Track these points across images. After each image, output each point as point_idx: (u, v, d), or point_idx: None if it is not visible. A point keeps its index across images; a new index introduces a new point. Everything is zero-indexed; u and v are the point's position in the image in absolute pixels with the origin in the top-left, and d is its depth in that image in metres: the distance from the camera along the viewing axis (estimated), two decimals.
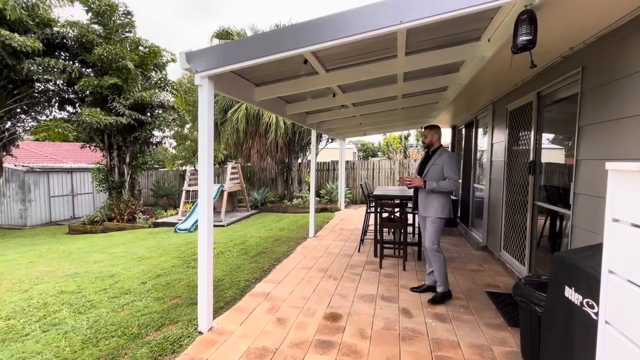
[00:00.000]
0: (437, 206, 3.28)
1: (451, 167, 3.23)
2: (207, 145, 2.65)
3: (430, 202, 3.31)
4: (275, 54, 2.33)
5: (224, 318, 2.97)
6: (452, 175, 3.21)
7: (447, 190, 3.23)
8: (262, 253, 5.09)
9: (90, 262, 5.13)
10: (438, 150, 3.39)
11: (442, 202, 3.28)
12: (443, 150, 3.37)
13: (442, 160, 3.28)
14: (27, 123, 10.64)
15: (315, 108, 5.11)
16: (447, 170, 3.22)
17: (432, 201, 3.30)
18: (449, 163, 3.25)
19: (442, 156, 3.31)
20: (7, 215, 11.09)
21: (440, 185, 3.22)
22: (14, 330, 2.91)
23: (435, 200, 3.29)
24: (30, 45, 8.21)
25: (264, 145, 10.76)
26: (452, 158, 3.31)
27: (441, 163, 3.27)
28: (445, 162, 3.25)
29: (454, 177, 3.20)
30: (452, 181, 3.20)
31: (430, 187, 3.27)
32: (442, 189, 3.22)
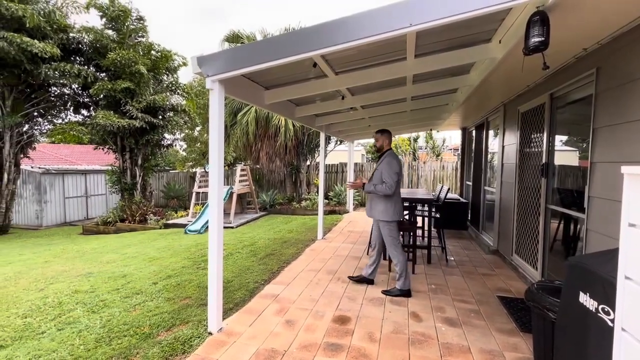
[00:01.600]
0: (380, 209, 3.41)
1: (387, 172, 3.32)
2: (218, 148, 2.69)
3: (374, 205, 3.48)
4: (284, 58, 2.35)
5: (234, 319, 2.99)
6: (387, 179, 3.31)
7: (382, 193, 3.34)
8: (271, 255, 5.12)
9: (103, 262, 5.23)
10: (384, 154, 3.51)
11: (384, 205, 3.40)
12: (387, 155, 3.47)
13: (382, 164, 3.41)
14: (43, 126, 10.96)
15: (324, 110, 5.13)
16: (384, 174, 3.35)
17: (375, 204, 3.46)
18: (386, 168, 3.35)
19: (383, 161, 3.43)
20: (24, 216, 11.40)
21: (377, 189, 3.34)
22: (30, 328, 2.99)
23: (378, 203, 3.43)
24: (49, 50, 8.46)
25: (272, 148, 10.83)
26: (390, 163, 3.37)
27: (381, 167, 3.41)
28: (383, 167, 3.37)
29: (388, 182, 3.30)
30: (387, 186, 3.29)
31: (367, 190, 3.43)
32: (378, 192, 3.35)
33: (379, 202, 3.41)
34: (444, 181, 10.98)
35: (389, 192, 3.27)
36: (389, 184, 3.26)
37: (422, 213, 5.24)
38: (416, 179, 11.31)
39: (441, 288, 3.66)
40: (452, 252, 5.09)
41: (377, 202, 3.42)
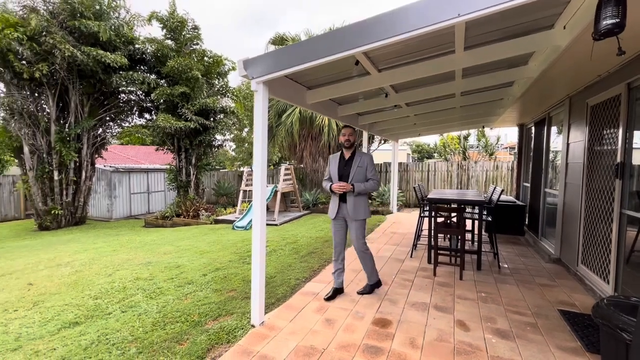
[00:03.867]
0: (365, 207, 3.31)
1: (374, 169, 3.30)
2: (261, 147, 2.78)
3: (359, 205, 3.29)
4: (325, 57, 2.36)
5: (275, 314, 3.07)
6: (375, 176, 3.29)
7: (372, 191, 3.33)
8: (312, 253, 5.17)
9: (161, 253, 5.71)
10: (357, 151, 3.39)
11: (365, 203, 3.33)
12: (361, 152, 3.40)
13: (364, 161, 3.29)
14: (114, 129, 12.25)
15: (367, 109, 5.05)
16: (371, 171, 3.26)
17: (360, 204, 3.29)
18: (372, 164, 3.31)
19: (363, 157, 3.31)
20: (98, 209, 12.88)
21: (367, 187, 3.23)
22: (100, 309, 3.36)
23: (362, 202, 3.30)
24: (119, 61, 9.46)
25: (316, 147, 10.95)
26: (372, 159, 3.36)
27: (365, 165, 3.27)
28: (368, 164, 3.28)
29: (376, 178, 3.30)
30: (376, 182, 3.28)
31: (358, 190, 3.22)
32: (369, 191, 3.27)
33: (362, 201, 3.29)
34: (497, 182, 10.21)
35: (377, 188, 3.35)
36: (377, 180, 3.30)
37: (472, 216, 4.92)
38: (466, 180, 10.67)
39: (492, 297, 3.41)
40: (505, 259, 4.71)
41: (361, 201, 3.28)
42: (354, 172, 3.23)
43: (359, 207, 3.26)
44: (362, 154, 3.32)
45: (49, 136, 9.84)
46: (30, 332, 2.94)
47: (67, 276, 4.51)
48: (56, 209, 10.02)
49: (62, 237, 8.68)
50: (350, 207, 3.27)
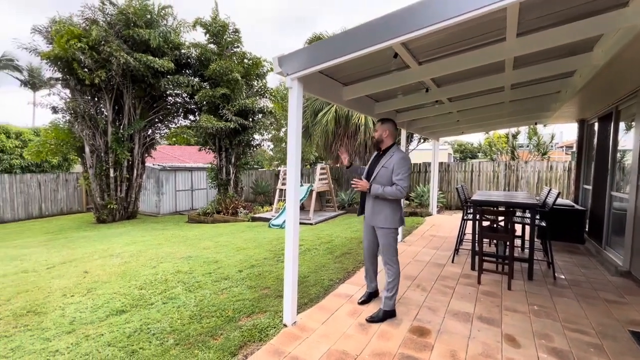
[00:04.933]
0: (386, 214, 2.86)
1: (401, 172, 2.76)
2: (295, 145, 2.74)
3: (379, 209, 2.88)
4: (361, 50, 2.25)
5: (307, 315, 3.02)
6: (401, 181, 2.74)
7: (392, 197, 2.78)
8: (347, 254, 5.06)
9: (201, 247, 5.94)
10: (390, 149, 2.93)
11: (391, 210, 2.86)
12: (396, 150, 2.91)
13: (392, 162, 2.83)
14: (162, 130, 13.07)
15: (406, 106, 4.83)
16: (396, 174, 2.76)
17: (380, 208, 2.87)
18: (400, 166, 2.78)
19: (393, 157, 2.85)
20: (147, 204, 13.83)
21: (385, 192, 2.76)
22: (144, 299, 3.54)
23: (385, 207, 2.86)
24: (166, 66, 10.07)
25: (352, 146, 10.80)
26: (404, 161, 2.81)
27: (391, 166, 2.82)
28: (395, 165, 2.80)
29: (402, 184, 2.73)
30: (400, 189, 2.73)
31: (374, 192, 2.82)
32: (387, 196, 2.78)
33: (384, 207, 2.84)
34: (551, 184, 9.34)
35: (401, 195, 2.72)
36: (402, 187, 2.69)
37: (523, 220, 4.51)
38: (515, 181, 9.89)
39: (547, 311, 3.06)
40: (562, 269, 4.25)
41: (382, 206, 2.84)
42: (377, 172, 2.88)
43: (378, 212, 2.87)
44: (394, 153, 2.86)
45: (106, 137, 10.73)
46: (83, 316, 3.17)
47: (117, 266, 4.84)
48: (112, 203, 10.91)
49: (115, 229, 9.42)
50: (368, 210, 2.96)
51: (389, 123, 2.97)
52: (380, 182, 2.83)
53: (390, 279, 2.91)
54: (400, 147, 2.95)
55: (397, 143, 2.93)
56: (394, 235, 2.89)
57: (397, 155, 2.84)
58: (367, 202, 2.98)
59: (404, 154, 2.86)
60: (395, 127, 3.00)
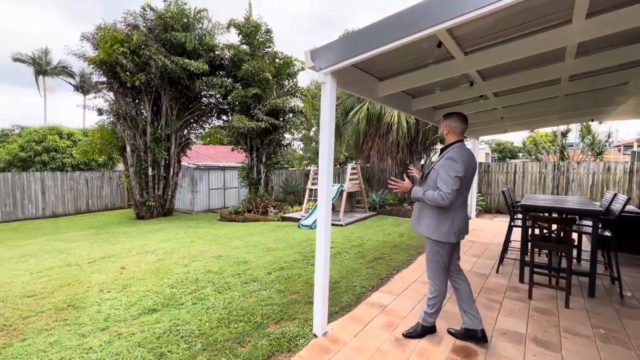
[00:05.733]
0: (429, 222, 2.48)
1: (444, 175, 2.32)
2: (328, 143, 2.57)
3: (423, 215, 2.55)
4: (400, 39, 2.04)
5: (338, 325, 2.83)
6: (443, 186, 2.31)
7: (432, 203, 2.37)
8: (379, 259, 4.82)
9: (231, 247, 5.95)
10: (449, 148, 2.48)
11: (434, 219, 2.45)
12: (451, 150, 2.45)
13: (439, 164, 2.44)
14: (196, 130, 13.48)
15: (446, 101, 4.49)
16: (440, 179, 2.35)
17: (424, 214, 2.54)
18: (445, 168, 2.34)
19: (442, 158, 2.45)
20: (182, 202, 14.34)
21: (426, 196, 2.39)
22: (174, 298, 3.54)
23: (427, 214, 2.50)
24: (201, 67, 10.32)
25: (384, 146, 10.45)
26: (448, 161, 2.35)
27: (438, 167, 2.43)
28: (440, 169, 2.38)
29: (444, 190, 2.29)
30: (442, 195, 2.28)
31: (413, 195, 2.50)
32: (428, 201, 2.39)
33: (428, 213, 2.49)
34: (609, 187, 8.42)
35: (443, 202, 2.28)
36: (445, 192, 2.27)
37: (580, 228, 4.01)
38: (565, 184, 9.04)
39: (616, 335, 2.65)
40: (630, 286, 3.72)
41: (427, 212, 2.50)
42: (427, 174, 2.56)
43: (422, 218, 2.54)
44: (446, 153, 2.44)
45: (145, 137, 11.22)
46: (117, 314, 3.22)
47: (152, 263, 4.95)
48: (150, 200, 11.40)
49: (153, 226, 9.81)
50: (414, 214, 2.64)
51: (452, 118, 2.54)
52: (428, 186, 2.48)
53: (431, 295, 2.59)
54: (464, 146, 2.47)
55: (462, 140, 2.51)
56: (437, 249, 2.46)
57: (447, 154, 2.43)
58: (415, 204, 2.70)
59: (452, 154, 2.39)
60: (462, 122, 2.53)
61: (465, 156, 2.38)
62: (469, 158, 2.40)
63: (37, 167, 15.96)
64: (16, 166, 16.05)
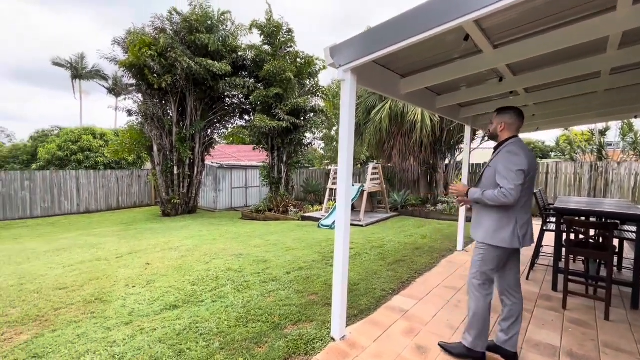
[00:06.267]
0: (487, 227, 2.21)
1: (504, 169, 2.09)
2: (347, 142, 2.50)
3: (479, 220, 2.29)
4: (422, 33, 1.94)
5: (357, 329, 2.76)
6: (503, 181, 2.07)
7: (493, 203, 2.11)
8: (400, 261, 4.69)
9: (251, 245, 6.00)
10: (505, 144, 2.24)
11: (495, 221, 2.17)
12: (507, 144, 2.21)
13: (497, 161, 2.19)
14: (220, 130, 13.77)
15: (472, 98, 4.29)
16: (498, 173, 2.12)
17: (482, 218, 2.26)
18: (504, 162, 2.12)
19: (499, 156, 2.21)
20: (206, 200, 14.71)
21: (485, 196, 2.14)
22: (195, 295, 3.59)
23: (485, 217, 2.24)
24: (224, 69, 10.52)
25: (406, 145, 10.22)
26: (509, 155, 2.12)
27: (496, 164, 2.18)
28: (499, 165, 2.14)
29: (506, 186, 2.04)
30: (504, 192, 2.04)
31: (471, 197, 2.27)
32: (487, 201, 2.14)
33: (484, 216, 2.23)
34: None
35: (506, 199, 2.03)
36: (508, 189, 2.02)
37: (621, 234, 3.70)
38: (603, 185, 8.45)
39: None
40: None
41: (486, 215, 2.22)
42: (483, 173, 2.31)
43: (478, 221, 2.30)
44: (504, 148, 2.20)
45: (171, 137, 11.59)
46: (140, 309, 3.30)
47: (175, 260, 5.08)
48: (175, 198, 11.77)
49: (177, 223, 10.11)
50: (473, 219, 2.40)
51: (508, 114, 2.28)
52: (485, 186, 2.24)
53: (469, 312, 2.28)
54: (518, 141, 2.23)
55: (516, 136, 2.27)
56: (488, 254, 2.19)
57: (505, 148, 2.20)
58: (473, 211, 2.42)
59: (511, 147, 2.16)
60: (519, 118, 2.28)
61: (526, 149, 2.17)
62: (530, 152, 2.18)
63: (73, 165, 16.90)
64: (54, 165, 17.07)
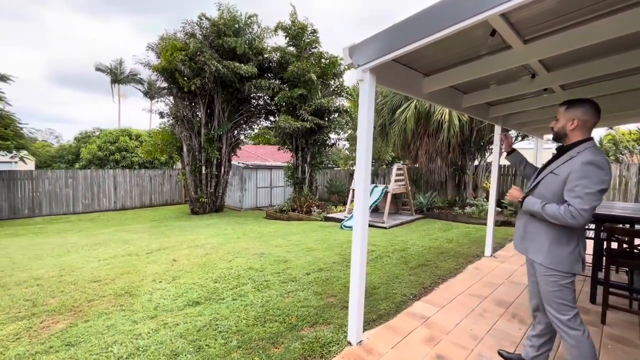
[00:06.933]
0: (541, 244, 1.87)
1: (581, 185, 1.69)
2: (366, 144, 2.45)
3: (533, 233, 1.93)
4: (444, 30, 1.85)
5: (375, 334, 2.70)
6: (576, 200, 1.68)
7: (554, 220, 1.76)
8: (423, 265, 4.54)
9: (273, 245, 6.07)
10: (575, 147, 1.84)
11: (553, 239, 1.82)
12: (583, 150, 1.79)
13: (569, 167, 1.77)
14: (246, 131, 14.09)
15: (502, 97, 4.06)
16: (571, 188, 1.72)
17: (535, 232, 1.91)
18: (581, 176, 1.70)
19: (572, 161, 1.78)
20: (232, 199, 15.11)
21: (546, 212, 1.77)
22: (217, 293, 3.68)
23: (542, 231, 1.88)
24: (250, 71, 10.76)
25: (433, 146, 9.93)
26: (591, 168, 1.69)
27: (566, 172, 1.77)
28: (573, 173, 1.73)
29: (578, 206, 1.66)
30: (574, 212, 1.66)
31: (527, 208, 1.90)
32: (547, 218, 1.78)
33: (540, 231, 1.90)
34: None
35: (574, 222, 1.68)
36: (580, 210, 1.66)
37: None
38: None
39: None
40: None
41: (541, 230, 1.89)
42: (542, 179, 1.96)
43: (530, 237, 1.96)
44: (578, 154, 1.79)
45: (199, 137, 12.00)
46: (165, 304, 3.43)
47: (199, 257, 5.24)
48: (203, 197, 12.18)
49: (205, 221, 10.45)
50: (519, 230, 2.08)
51: (582, 108, 1.86)
52: (542, 195, 1.91)
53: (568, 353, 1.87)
54: (596, 147, 1.83)
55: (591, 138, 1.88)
56: (561, 282, 1.82)
57: (582, 157, 1.75)
58: (518, 219, 2.12)
59: (593, 157, 1.72)
60: (595, 112, 1.86)
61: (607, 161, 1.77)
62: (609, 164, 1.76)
63: (111, 165, 17.98)
64: (95, 164, 18.26)
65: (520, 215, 2.10)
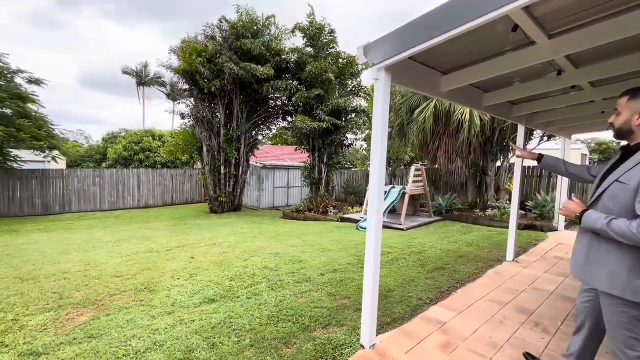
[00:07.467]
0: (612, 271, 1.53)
1: None
2: (380, 145, 2.41)
3: (600, 257, 1.59)
4: (462, 26, 1.79)
5: (389, 338, 2.65)
6: None
7: (626, 241, 1.44)
8: (441, 269, 4.43)
9: (289, 245, 6.10)
10: None
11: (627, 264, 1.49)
12: None
13: (635, 175, 1.48)
14: (264, 132, 14.25)
15: (525, 95, 3.89)
16: None
17: (601, 255, 1.58)
18: None
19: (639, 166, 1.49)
20: (250, 199, 15.33)
21: (613, 229, 1.46)
22: (232, 291, 3.73)
23: (612, 256, 1.54)
24: (267, 73, 10.88)
25: (453, 146, 9.66)
26: None
27: (637, 180, 1.47)
28: None
29: None
30: None
31: (588, 225, 1.58)
32: (615, 237, 1.46)
33: (614, 255, 1.55)
34: None
35: None
36: None
37: None
38: None
39: None
40: None
41: (611, 253, 1.56)
42: (605, 188, 1.63)
43: (598, 261, 1.62)
44: None
45: (219, 138, 12.25)
46: (182, 300, 3.51)
47: (217, 255, 5.33)
48: (221, 196, 12.41)
49: (223, 220, 10.65)
50: (578, 253, 1.75)
51: None
52: (607, 208, 1.58)
53: None
54: None
55: None
56: (634, 313, 1.52)
57: None
58: (578, 239, 1.79)
59: None
60: None
61: None
62: None
63: (135, 164, 18.66)
64: (120, 163, 19.01)
65: (580, 235, 1.76)
